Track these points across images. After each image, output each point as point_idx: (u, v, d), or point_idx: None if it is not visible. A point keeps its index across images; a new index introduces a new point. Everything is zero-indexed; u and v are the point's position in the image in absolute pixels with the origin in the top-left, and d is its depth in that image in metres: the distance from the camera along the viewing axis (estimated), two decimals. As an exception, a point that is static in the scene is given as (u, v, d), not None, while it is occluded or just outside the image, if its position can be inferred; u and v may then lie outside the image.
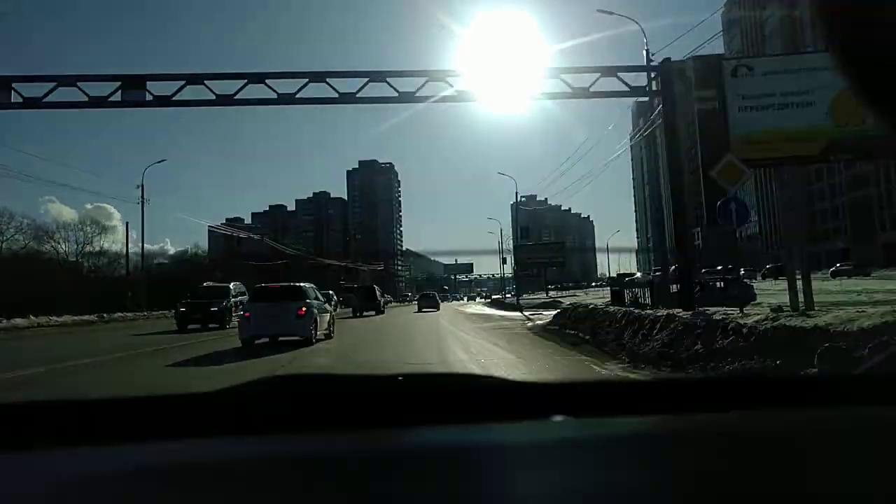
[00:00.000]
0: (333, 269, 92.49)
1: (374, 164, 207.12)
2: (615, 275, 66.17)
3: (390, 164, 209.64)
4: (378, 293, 36.73)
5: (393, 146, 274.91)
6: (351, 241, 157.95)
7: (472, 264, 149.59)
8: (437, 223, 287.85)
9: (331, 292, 31.86)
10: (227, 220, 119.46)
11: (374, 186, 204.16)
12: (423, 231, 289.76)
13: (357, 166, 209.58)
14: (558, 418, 0.91)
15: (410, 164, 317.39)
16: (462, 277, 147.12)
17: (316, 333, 14.05)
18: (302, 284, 15.43)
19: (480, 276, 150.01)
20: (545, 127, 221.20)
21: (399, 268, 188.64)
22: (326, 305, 16.62)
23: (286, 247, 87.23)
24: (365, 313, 32.39)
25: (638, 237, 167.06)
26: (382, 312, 34.88)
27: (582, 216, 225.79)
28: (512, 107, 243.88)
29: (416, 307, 44.02)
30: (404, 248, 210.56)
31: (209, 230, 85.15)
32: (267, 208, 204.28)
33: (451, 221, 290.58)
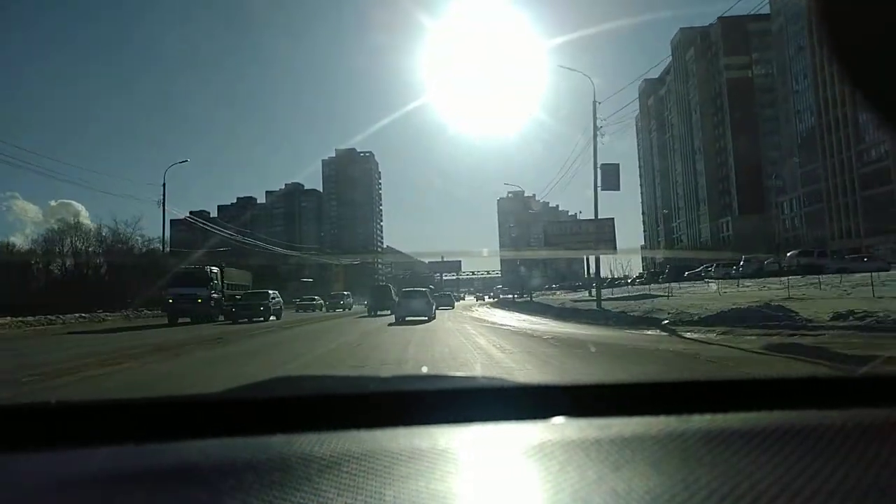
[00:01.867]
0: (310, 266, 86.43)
1: (352, 153, 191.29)
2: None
3: (370, 153, 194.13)
4: (393, 293, 35.44)
5: (374, 141, 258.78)
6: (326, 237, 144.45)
7: (459, 262, 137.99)
8: (421, 222, 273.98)
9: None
10: (191, 213, 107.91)
11: (352, 177, 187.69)
12: (405, 230, 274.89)
13: (333, 155, 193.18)
14: (559, 419, 0.91)
15: (392, 162, 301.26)
16: (449, 276, 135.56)
17: None
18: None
19: (474, 273, 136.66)
20: (536, 134, 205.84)
21: (379, 264, 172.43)
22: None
23: (257, 241, 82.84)
24: (380, 313, 31.68)
25: (645, 231, 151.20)
26: None
27: (569, 213, 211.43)
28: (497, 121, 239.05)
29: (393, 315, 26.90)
30: (385, 246, 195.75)
31: (171, 223, 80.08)
32: (234, 201, 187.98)
33: (436, 220, 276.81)
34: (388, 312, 30.53)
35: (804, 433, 0.82)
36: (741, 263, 49.78)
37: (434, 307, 27.43)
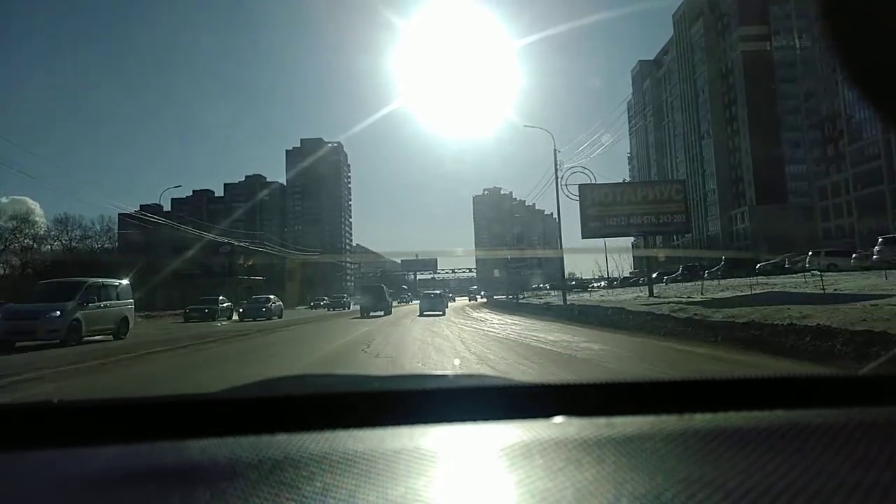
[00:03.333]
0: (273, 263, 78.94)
1: (319, 144, 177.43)
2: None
3: (338, 143, 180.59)
4: (386, 293, 34.46)
5: (347, 144, 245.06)
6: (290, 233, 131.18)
7: (435, 260, 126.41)
8: (394, 223, 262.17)
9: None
10: (141, 206, 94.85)
11: (319, 169, 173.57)
12: (377, 231, 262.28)
13: (299, 145, 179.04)
14: (559, 418, 0.91)
15: (364, 162, 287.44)
16: (424, 275, 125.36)
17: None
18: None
19: (454, 270, 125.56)
20: (509, 136, 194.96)
21: (348, 263, 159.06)
22: None
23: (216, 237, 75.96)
24: (372, 314, 30.26)
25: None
26: (390, 313, 31.79)
27: (545, 213, 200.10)
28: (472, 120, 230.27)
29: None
30: (354, 245, 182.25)
31: (119, 217, 78.64)
32: (190, 193, 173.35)
33: (409, 221, 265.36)
34: (382, 314, 30.17)
35: (805, 432, 0.82)
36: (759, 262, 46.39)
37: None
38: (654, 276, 62.74)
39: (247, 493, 0.68)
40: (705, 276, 41.44)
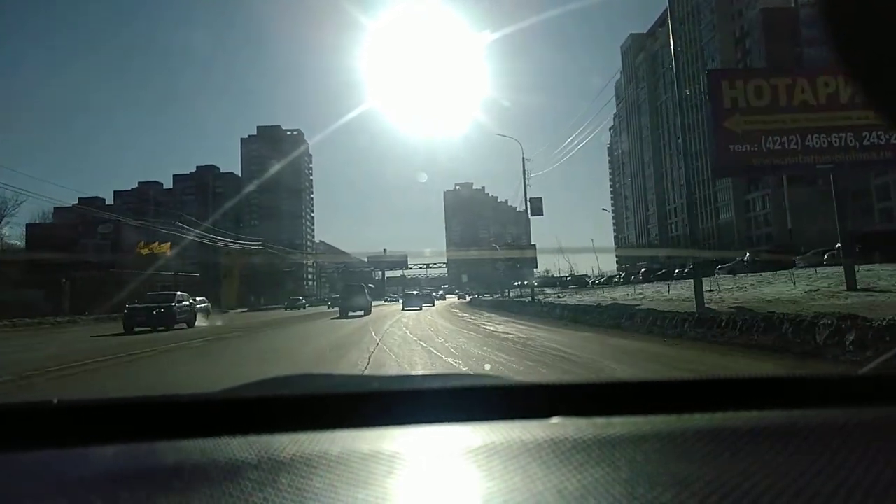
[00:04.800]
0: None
1: (277, 131, 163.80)
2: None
3: (298, 130, 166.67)
4: (366, 292, 32.89)
5: (303, 122, 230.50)
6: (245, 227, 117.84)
7: (406, 257, 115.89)
8: (360, 223, 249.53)
9: None
10: (80, 199, 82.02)
11: (278, 158, 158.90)
12: (343, 230, 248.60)
13: (255, 133, 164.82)
14: (557, 418, 0.91)
15: (329, 157, 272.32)
16: (393, 273, 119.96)
17: None
18: None
19: (428, 266, 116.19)
20: (477, 137, 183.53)
21: (308, 262, 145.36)
22: None
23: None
24: (351, 314, 29.28)
25: (616, 230, 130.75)
26: (370, 313, 30.16)
27: (519, 210, 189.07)
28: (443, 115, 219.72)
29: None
30: (318, 241, 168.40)
31: (54, 210, 71.65)
32: (135, 185, 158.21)
33: (375, 220, 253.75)
34: (362, 314, 29.25)
35: (804, 432, 0.82)
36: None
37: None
38: (656, 272, 57.23)
39: (246, 491, 0.67)
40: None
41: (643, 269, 64.23)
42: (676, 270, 51.88)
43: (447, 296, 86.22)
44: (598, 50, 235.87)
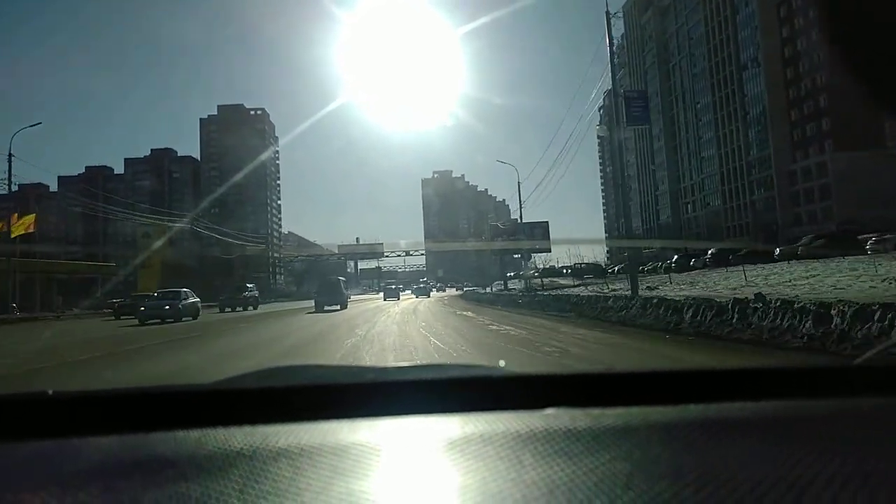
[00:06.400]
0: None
1: (240, 110, 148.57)
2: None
3: (262, 110, 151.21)
4: (343, 286, 34.30)
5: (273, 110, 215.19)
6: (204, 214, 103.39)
7: (381, 246, 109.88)
8: (333, 213, 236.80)
9: None
10: (20, 185, 66.51)
11: (240, 140, 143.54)
12: (316, 218, 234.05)
13: (215, 113, 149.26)
14: (552, 409, 0.91)
15: (300, 147, 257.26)
16: (367, 265, 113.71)
17: None
18: None
19: (409, 253, 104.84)
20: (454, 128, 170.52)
21: (274, 253, 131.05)
22: None
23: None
24: (327, 308, 29.96)
25: (607, 219, 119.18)
26: (346, 307, 30.75)
27: (498, 199, 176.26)
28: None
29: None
30: (286, 232, 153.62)
31: None
32: (83, 170, 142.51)
33: (349, 211, 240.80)
34: (338, 308, 29.86)
35: (800, 422, 0.83)
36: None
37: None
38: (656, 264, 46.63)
39: (246, 484, 0.67)
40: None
41: (675, 257, 53.85)
42: (693, 260, 47.69)
43: (446, 288, 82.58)
44: (584, 31, 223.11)
